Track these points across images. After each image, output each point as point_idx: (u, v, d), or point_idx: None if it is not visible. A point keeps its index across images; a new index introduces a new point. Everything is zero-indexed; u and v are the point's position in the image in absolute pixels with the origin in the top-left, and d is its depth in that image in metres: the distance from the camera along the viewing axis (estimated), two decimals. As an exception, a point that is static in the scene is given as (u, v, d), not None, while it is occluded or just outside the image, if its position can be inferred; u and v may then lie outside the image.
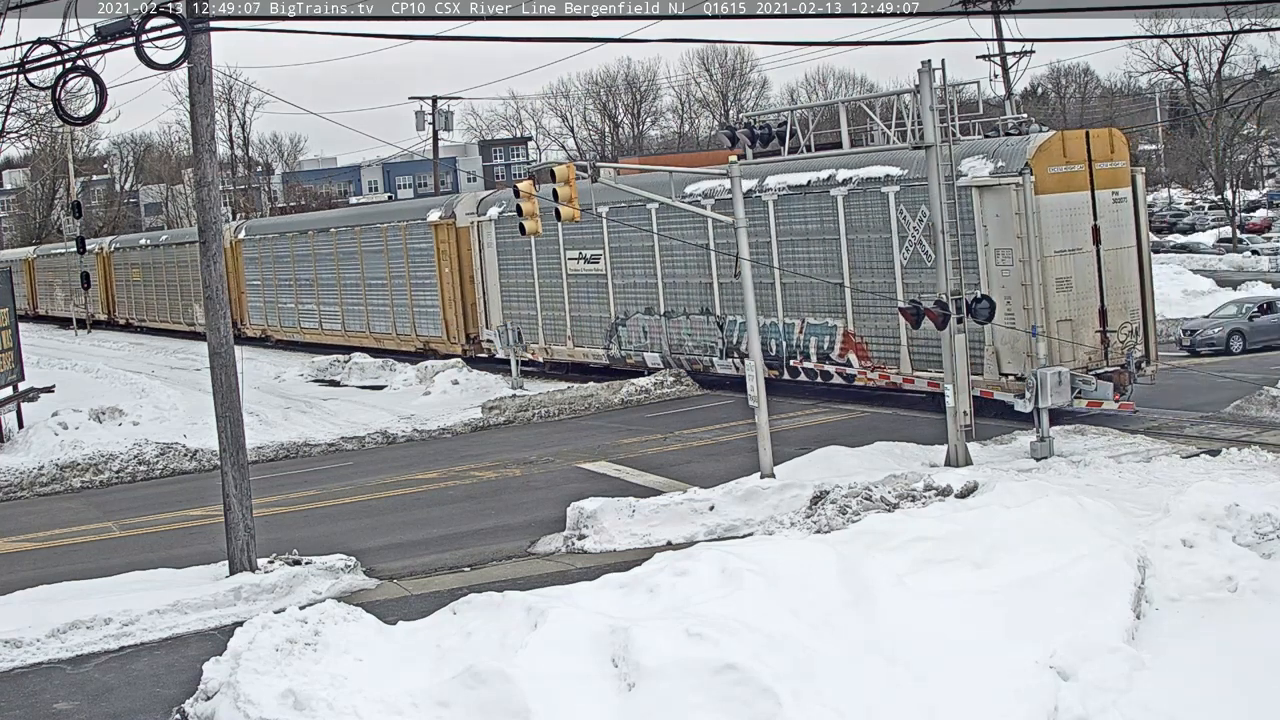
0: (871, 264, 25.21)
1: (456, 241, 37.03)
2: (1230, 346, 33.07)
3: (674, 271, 30.37)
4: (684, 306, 30.27)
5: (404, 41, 23.63)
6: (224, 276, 16.63)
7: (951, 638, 11.36)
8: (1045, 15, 55.38)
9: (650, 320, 31.11)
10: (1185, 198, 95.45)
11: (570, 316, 33.54)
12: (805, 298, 26.88)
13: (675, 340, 30.65)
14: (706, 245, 28.42)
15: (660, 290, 30.80)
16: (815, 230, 26.24)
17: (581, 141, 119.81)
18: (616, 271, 31.87)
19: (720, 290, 29.10)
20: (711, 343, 29.70)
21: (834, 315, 26.37)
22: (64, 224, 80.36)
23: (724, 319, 29.17)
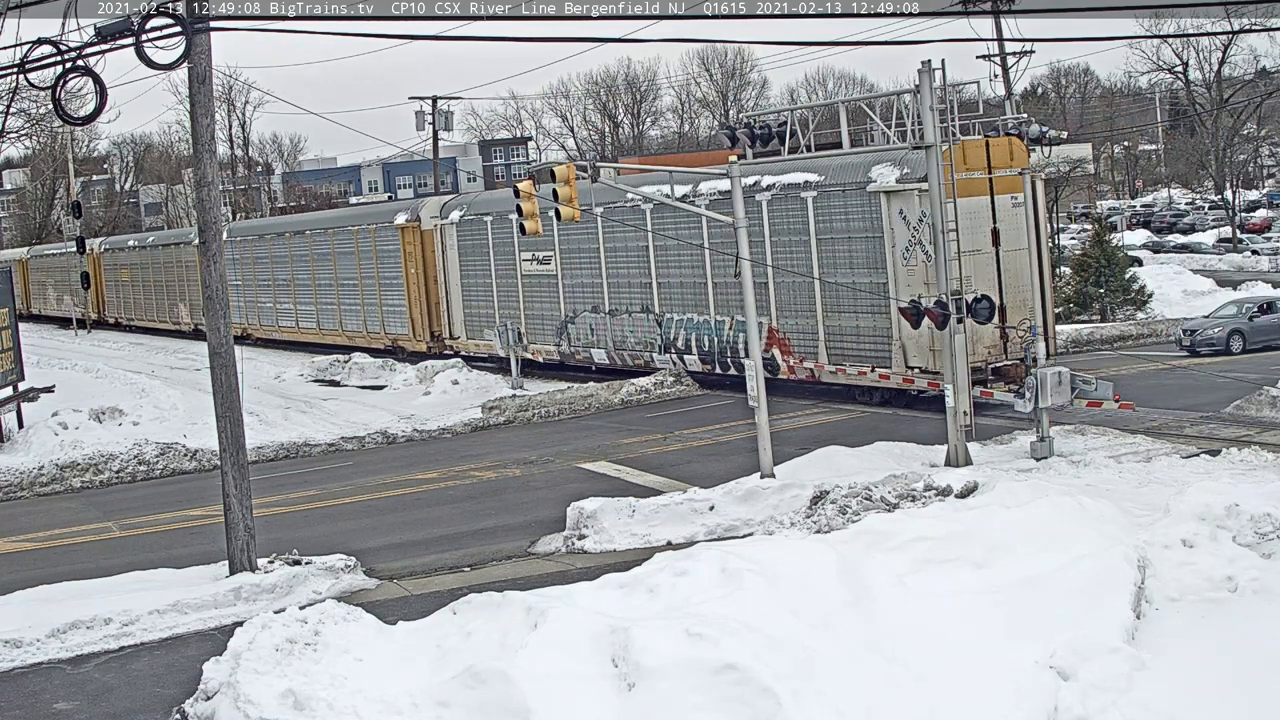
0: (793, 264, 26.66)
1: (422, 244, 38.54)
2: (1230, 346, 33.05)
3: (618, 272, 31.78)
4: (627, 305, 31.69)
5: (404, 41, 23.60)
6: (224, 277, 16.60)
7: (951, 638, 11.36)
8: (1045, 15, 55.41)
9: (597, 318, 32.55)
10: (1185, 198, 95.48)
11: (525, 315, 34.92)
12: (734, 297, 27.51)
13: (619, 337, 32.09)
14: (646, 247, 30.14)
15: (605, 290, 32.23)
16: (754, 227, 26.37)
17: (581, 141, 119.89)
18: (566, 272, 33.38)
19: (659, 290, 30.62)
20: (651, 339, 31.18)
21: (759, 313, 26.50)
22: (64, 224, 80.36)
23: (662, 317, 30.71)
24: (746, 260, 19.79)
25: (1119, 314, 45.27)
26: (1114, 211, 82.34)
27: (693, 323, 29.80)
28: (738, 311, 27.31)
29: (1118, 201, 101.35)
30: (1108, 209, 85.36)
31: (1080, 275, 46.47)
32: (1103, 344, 36.52)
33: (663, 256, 30.46)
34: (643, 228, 29.97)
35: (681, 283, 30.31)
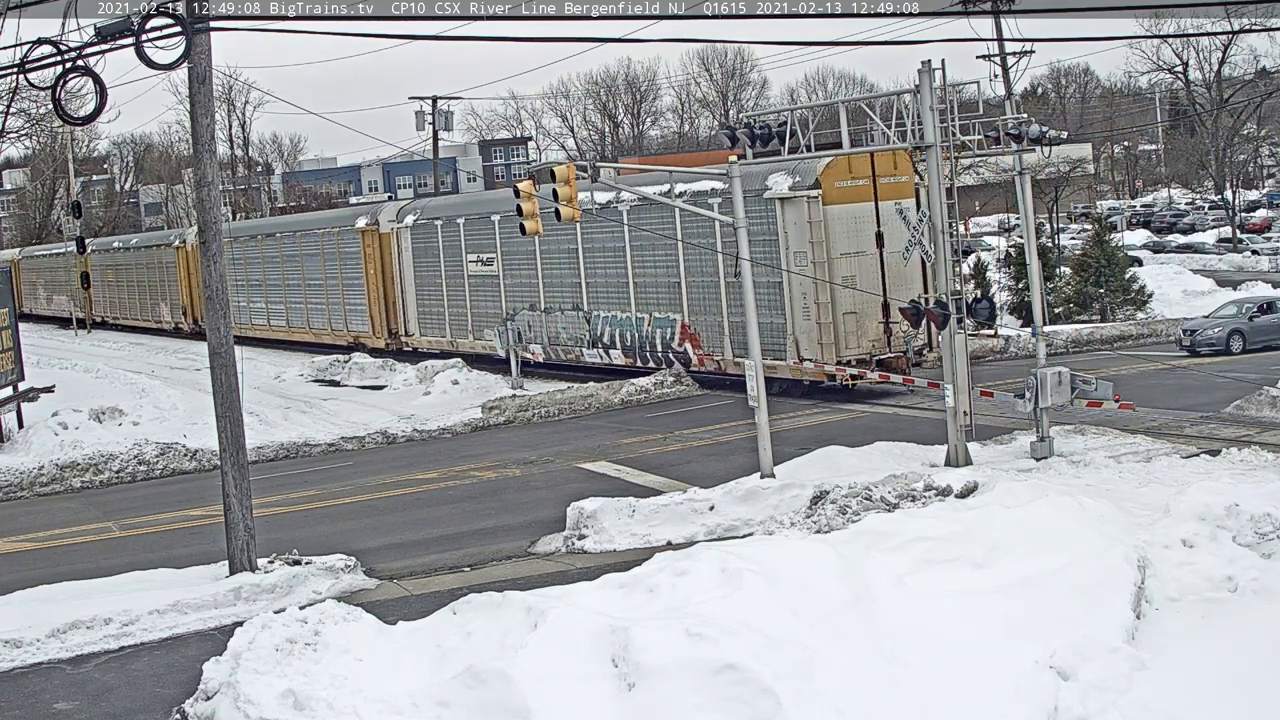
0: (701, 265, 29.01)
1: (380, 246, 40.66)
2: (1230, 346, 33.03)
3: (552, 273, 33.91)
4: (560, 303, 33.74)
5: (404, 41, 23.61)
6: (224, 277, 16.59)
7: (951, 638, 11.36)
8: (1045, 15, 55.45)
9: (534, 315, 34.64)
10: (1185, 198, 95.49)
11: (471, 313, 37.21)
12: (652, 295, 30.58)
13: (553, 333, 34.11)
14: (576, 249, 32.36)
15: (541, 289, 34.33)
16: (658, 236, 29.77)
17: (581, 141, 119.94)
18: (507, 273, 35.51)
19: (587, 289, 32.71)
20: (581, 335, 33.12)
21: (674, 310, 30.18)
22: (64, 224, 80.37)
23: (590, 314, 32.73)
24: (746, 260, 19.79)
25: (1119, 314, 45.27)
26: (1114, 211, 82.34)
27: (617, 319, 31.90)
28: (655, 309, 30.86)
29: (1118, 201, 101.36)
30: (1108, 209, 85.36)
31: (1080, 275, 46.46)
32: (1103, 344, 36.50)
33: (590, 258, 32.41)
34: (572, 232, 31.75)
35: (607, 282, 32.20)
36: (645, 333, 31.07)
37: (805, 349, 26.69)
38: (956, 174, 21.28)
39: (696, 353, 29.73)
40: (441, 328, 38.43)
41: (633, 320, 31.34)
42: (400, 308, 40.27)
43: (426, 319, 39.04)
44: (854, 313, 26.62)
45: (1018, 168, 22.36)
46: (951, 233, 19.90)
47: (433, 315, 38.76)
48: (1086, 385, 20.26)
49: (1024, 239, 24.05)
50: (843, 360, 26.46)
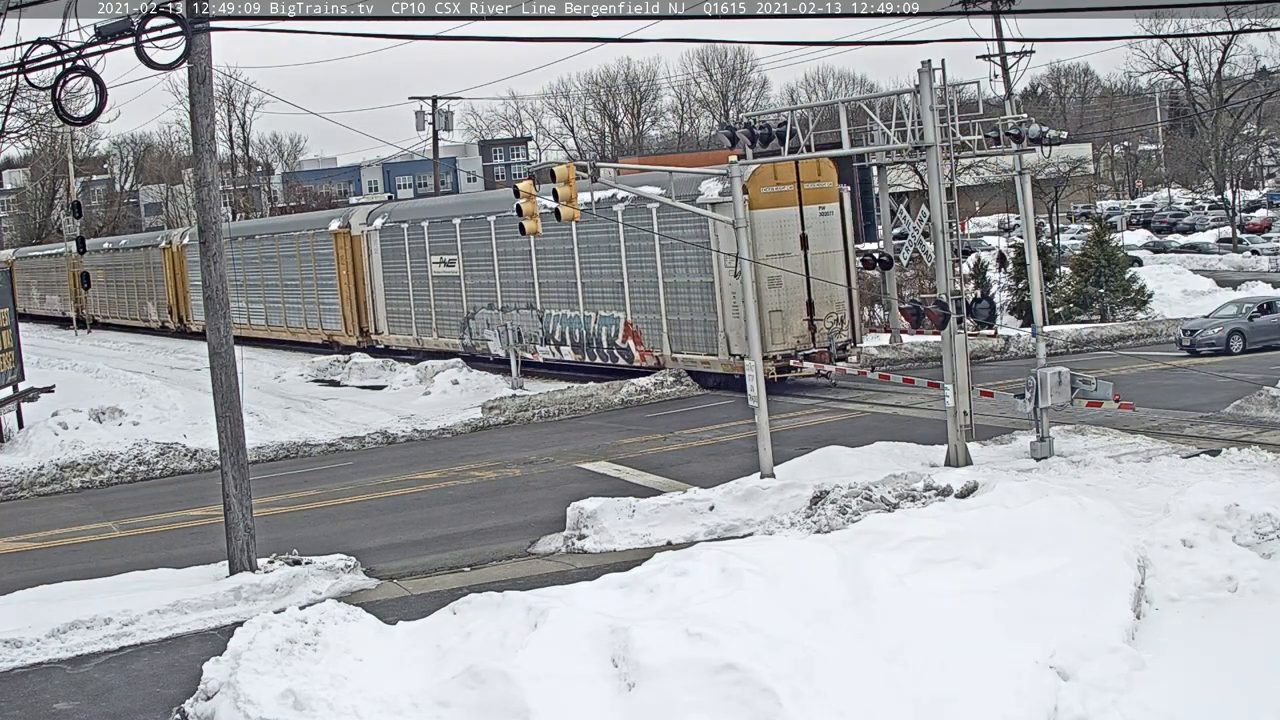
0: (642, 267, 30.93)
1: (351, 248, 42.38)
2: (1230, 346, 33.04)
3: (508, 273, 35.70)
4: (516, 303, 35.53)
5: (404, 41, 23.61)
6: (224, 277, 16.59)
7: (951, 638, 11.36)
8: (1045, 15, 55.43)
9: (492, 314, 36.39)
10: (1185, 198, 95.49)
11: (435, 312, 38.92)
12: (598, 295, 32.46)
13: (514, 330, 35.35)
14: (529, 251, 34.03)
15: (499, 289, 36.11)
16: (604, 239, 31.58)
17: (581, 141, 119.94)
18: (468, 274, 37.24)
19: (540, 289, 34.47)
20: (534, 332, 34.79)
21: (618, 309, 31.91)
22: (64, 224, 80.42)
23: (543, 313, 34.54)
24: (746, 260, 19.79)
25: (1119, 314, 45.30)
26: (1114, 211, 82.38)
27: (567, 318, 33.75)
28: (601, 308, 32.55)
29: (1118, 201, 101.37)
30: (1108, 209, 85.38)
31: (1080, 275, 46.50)
32: (1103, 344, 36.51)
33: (542, 260, 34.17)
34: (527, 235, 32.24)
35: (558, 283, 33.93)
36: (592, 330, 32.84)
37: (735, 345, 28.22)
38: (956, 174, 21.28)
39: (638, 349, 31.65)
40: (409, 326, 40.23)
41: (581, 318, 33.18)
42: (370, 307, 41.99)
43: (394, 318, 40.80)
44: (779, 311, 28.41)
45: (1018, 168, 22.37)
46: (951, 233, 19.90)
47: (400, 314, 40.54)
48: (1086, 385, 20.26)
49: (1024, 239, 24.07)
50: (769, 355, 27.50)
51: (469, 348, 37.28)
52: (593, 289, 32.67)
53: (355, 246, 42.20)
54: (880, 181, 24.88)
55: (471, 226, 36.74)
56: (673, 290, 30.04)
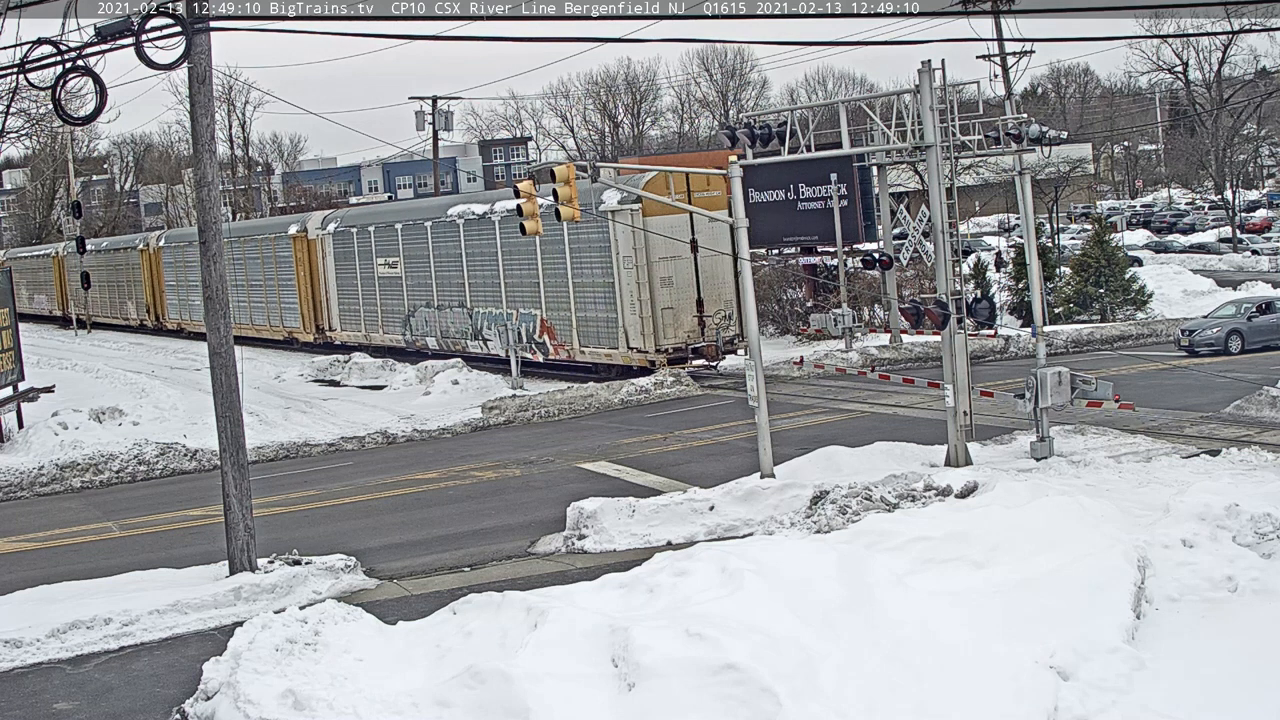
0: (555, 268, 33.73)
1: (308, 251, 45.14)
2: (1229, 347, 32.99)
3: (442, 274, 38.40)
4: (449, 301, 38.24)
5: (404, 41, 23.60)
6: (224, 277, 16.57)
7: (951, 638, 11.36)
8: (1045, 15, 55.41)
9: (430, 312, 39.16)
10: (1185, 198, 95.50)
11: (381, 310, 41.75)
12: (519, 294, 35.24)
13: (444, 327, 38.47)
14: (460, 254, 37.05)
15: (434, 289, 38.85)
16: (524, 243, 34.00)
17: (581, 141, 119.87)
18: (409, 274, 40.04)
19: (470, 288, 37.20)
20: (465, 329, 37.51)
21: (535, 307, 34.63)
22: (64, 224, 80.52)
23: (472, 310, 37.27)
24: (746, 260, 19.79)
25: (1119, 314, 45.29)
26: (1114, 211, 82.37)
27: (492, 315, 36.46)
28: (521, 306, 35.28)
29: (1118, 201, 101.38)
30: (1108, 209, 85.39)
31: (1080, 275, 46.48)
32: (1103, 344, 36.51)
33: (471, 262, 37.01)
34: (457, 239, 37.17)
35: (485, 283, 36.65)
36: (514, 326, 35.17)
37: (633, 340, 31.41)
38: (956, 174, 21.29)
39: (553, 343, 34.30)
40: (358, 323, 43.07)
41: (504, 316, 35.91)
42: (325, 305, 44.88)
43: (346, 315, 43.71)
44: (671, 308, 31.38)
45: (1018, 168, 22.37)
46: (952, 233, 19.90)
47: (351, 312, 43.47)
48: (1086, 385, 20.25)
49: (1024, 239, 24.07)
50: (661, 348, 31.17)
51: (410, 343, 40.10)
52: (514, 289, 35.50)
53: (311, 250, 44.90)
54: (880, 181, 24.91)
55: (411, 231, 39.62)
56: (580, 290, 32.92)
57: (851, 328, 35.69)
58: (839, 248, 38.34)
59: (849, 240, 38.70)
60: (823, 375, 31.15)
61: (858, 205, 39.15)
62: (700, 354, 31.16)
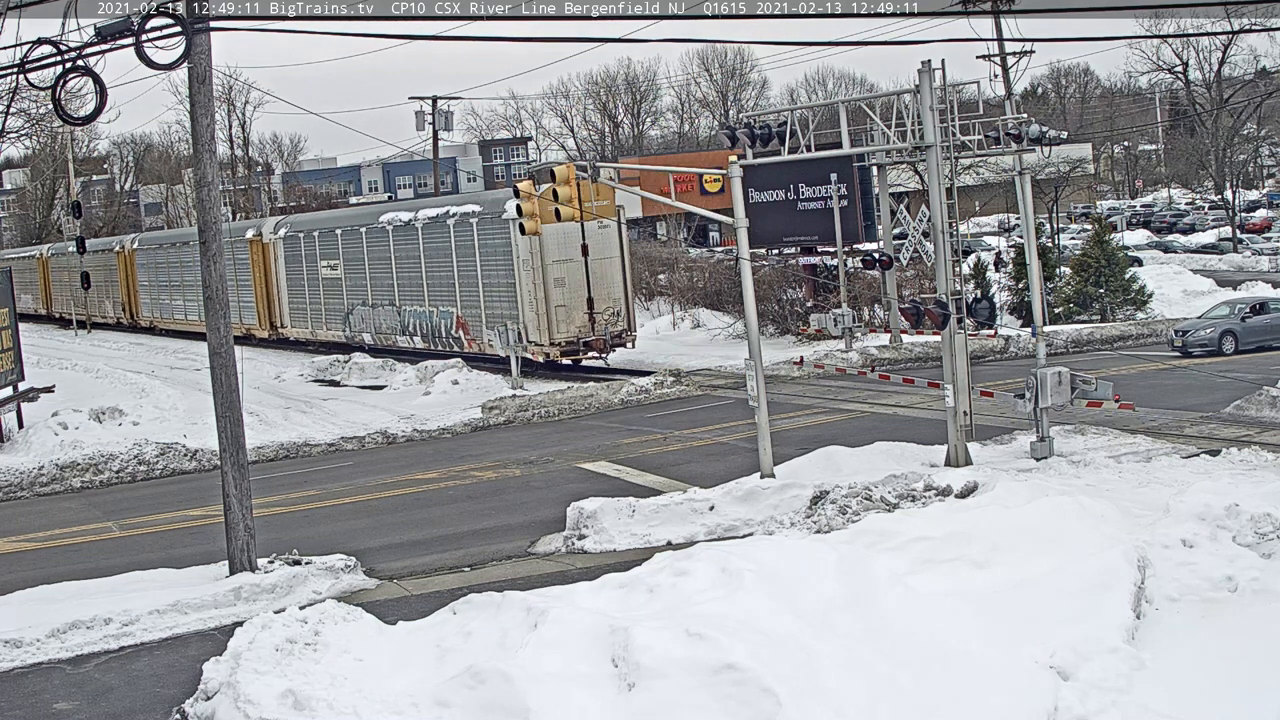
0: (468, 269, 36.79)
1: (263, 254, 48.63)
2: (1222, 347, 32.71)
3: (376, 275, 41.79)
4: (381, 300, 41.57)
5: (404, 41, 23.59)
6: (224, 277, 16.56)
7: (951, 637, 11.36)
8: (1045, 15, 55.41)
9: (365, 310, 42.56)
10: (1185, 198, 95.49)
11: (325, 308, 45.08)
12: (439, 293, 38.47)
13: (377, 324, 41.80)
14: (390, 257, 40.50)
15: (369, 289, 42.23)
16: (442, 247, 37.77)
17: (581, 141, 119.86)
18: (347, 276, 43.43)
19: (398, 288, 40.49)
20: (395, 325, 40.89)
21: (452, 305, 37.90)
22: (64, 224, 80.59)
23: (400, 308, 40.53)
24: (746, 260, 19.79)
25: (1119, 314, 45.28)
26: (1114, 211, 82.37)
27: (417, 312, 39.69)
28: (440, 304, 38.53)
29: (1118, 201, 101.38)
30: (1108, 209, 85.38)
31: (1080, 275, 46.47)
32: (1103, 344, 36.50)
33: (400, 264, 40.30)
34: (387, 243, 40.78)
35: (411, 283, 39.88)
36: (435, 323, 38.59)
37: (531, 334, 34.57)
38: (956, 174, 21.29)
39: (467, 338, 37.45)
40: (305, 320, 46.39)
41: (427, 313, 39.24)
42: (278, 304, 48.45)
43: (295, 313, 47.10)
44: (564, 306, 34.45)
45: (1018, 168, 22.37)
46: (952, 233, 19.90)
47: (299, 310, 46.89)
48: (1086, 385, 20.25)
49: (1024, 239, 24.07)
50: (555, 342, 34.49)
51: (349, 338, 43.48)
52: (435, 288, 38.76)
53: (265, 252, 48.33)
54: (880, 181, 24.90)
55: (349, 237, 43.05)
56: (488, 290, 36.32)
57: (851, 328, 35.71)
58: (839, 248, 38.36)
59: (849, 240, 38.72)
60: (823, 375, 31.19)
61: (858, 205, 39.18)
62: (590, 347, 34.52)
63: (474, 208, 36.93)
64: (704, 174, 28.21)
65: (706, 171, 26.11)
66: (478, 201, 37.82)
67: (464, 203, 38.36)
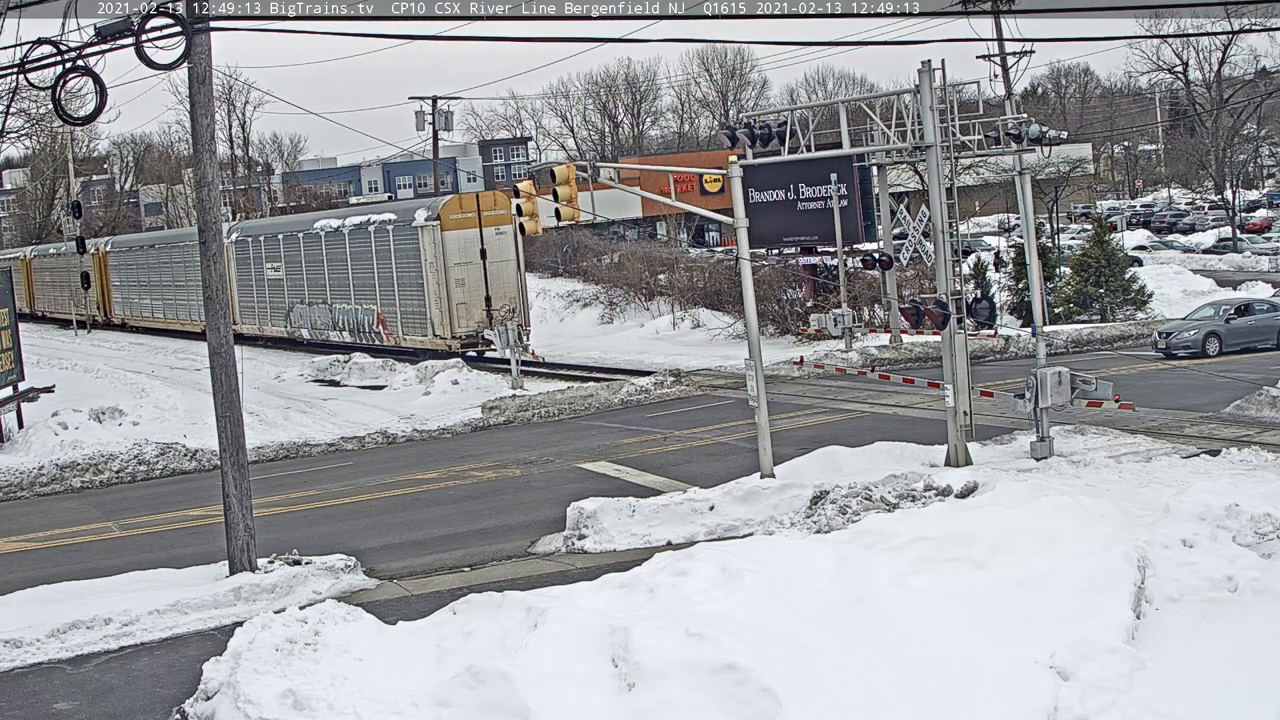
0: (386, 271, 40.85)
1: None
2: (1206, 349, 32.25)
3: (312, 277, 45.55)
4: (316, 299, 45.37)
5: (404, 41, 23.59)
6: (224, 277, 16.56)
7: (951, 638, 11.36)
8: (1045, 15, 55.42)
9: (303, 308, 46.15)
10: (1185, 198, 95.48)
11: (270, 306, 48.79)
12: (363, 292, 42.31)
13: (312, 320, 45.60)
14: (322, 260, 44.36)
15: (305, 289, 46.00)
16: (365, 251, 41.88)
17: (581, 141, 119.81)
18: (288, 277, 47.15)
19: (330, 288, 44.34)
20: (327, 321, 44.80)
21: (373, 303, 41.91)
22: (64, 224, 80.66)
23: (332, 306, 44.47)
24: (746, 260, 19.79)
25: (1119, 314, 45.28)
26: (1114, 211, 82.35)
27: (345, 310, 43.75)
28: (365, 302, 42.49)
29: (1118, 201, 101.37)
30: (1108, 209, 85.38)
31: (1080, 275, 46.47)
32: (1103, 344, 36.49)
33: (330, 266, 44.22)
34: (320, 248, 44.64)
35: (340, 283, 43.80)
36: (359, 319, 42.70)
37: (438, 329, 38.50)
38: (956, 174, 21.29)
39: (385, 332, 41.36)
40: (254, 317, 49.79)
41: (353, 310, 43.25)
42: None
43: (245, 310, 50.07)
44: (464, 303, 38.32)
45: (1018, 168, 22.37)
46: (952, 233, 19.90)
47: (248, 308, 50.21)
48: (1086, 385, 20.25)
49: (1024, 239, 24.08)
50: (457, 335, 38.20)
51: (290, 334, 47.24)
52: (359, 288, 42.71)
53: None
54: (880, 181, 24.89)
55: (289, 242, 46.85)
56: (402, 289, 40.01)
57: (851, 328, 35.71)
58: (839, 248, 38.36)
59: (849, 240, 38.72)
60: (823, 375, 31.19)
61: (858, 205, 39.18)
62: (489, 341, 37.61)
63: (390, 216, 41.22)
64: (704, 174, 28.11)
65: (706, 171, 26.13)
66: (394, 211, 42.27)
67: (383, 212, 43.10)
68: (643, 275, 51.16)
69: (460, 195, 40.40)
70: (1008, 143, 20.85)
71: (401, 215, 40.46)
